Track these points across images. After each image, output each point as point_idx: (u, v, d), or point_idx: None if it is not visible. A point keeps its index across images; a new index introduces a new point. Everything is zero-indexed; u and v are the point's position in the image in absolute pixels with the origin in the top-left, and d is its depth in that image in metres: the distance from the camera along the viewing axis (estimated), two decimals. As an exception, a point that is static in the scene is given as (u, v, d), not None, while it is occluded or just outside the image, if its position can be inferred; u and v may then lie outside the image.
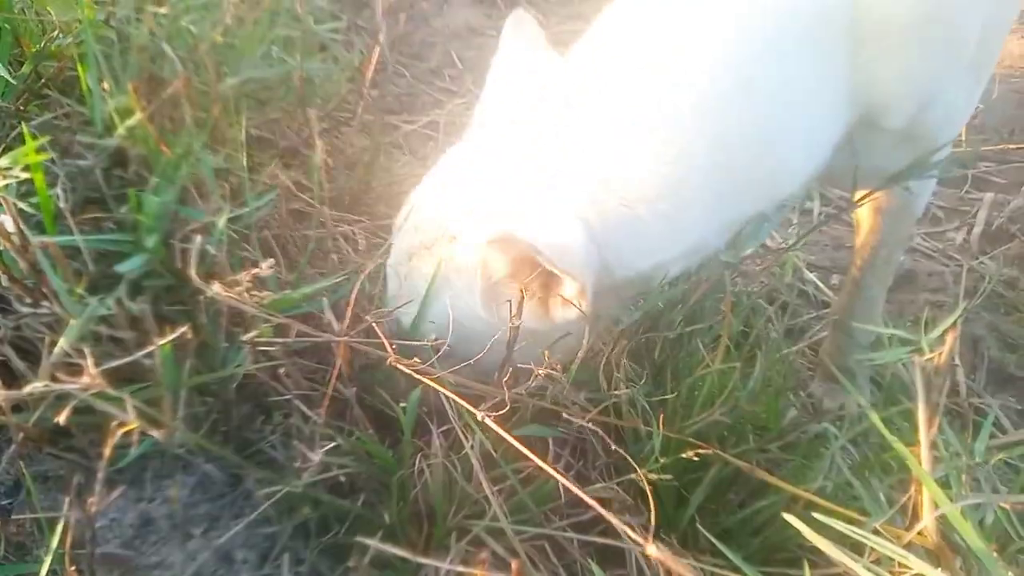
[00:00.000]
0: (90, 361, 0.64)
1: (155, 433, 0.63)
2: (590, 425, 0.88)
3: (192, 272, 0.75)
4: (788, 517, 0.73)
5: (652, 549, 0.55)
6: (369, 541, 0.56)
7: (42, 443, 0.83)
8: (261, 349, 0.89)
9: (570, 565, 0.91)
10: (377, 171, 1.53)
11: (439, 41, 2.33)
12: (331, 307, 0.84)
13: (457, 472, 0.86)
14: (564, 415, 0.91)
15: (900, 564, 0.70)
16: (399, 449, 0.89)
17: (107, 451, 0.60)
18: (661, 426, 0.88)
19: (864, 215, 1.24)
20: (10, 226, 0.74)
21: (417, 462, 0.87)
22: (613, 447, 0.89)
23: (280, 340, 0.82)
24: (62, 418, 0.60)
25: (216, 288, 0.73)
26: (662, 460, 0.88)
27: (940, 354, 0.75)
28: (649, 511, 0.97)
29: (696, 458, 0.86)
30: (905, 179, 0.97)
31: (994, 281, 1.60)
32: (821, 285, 1.64)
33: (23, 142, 0.92)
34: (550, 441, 0.94)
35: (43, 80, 1.26)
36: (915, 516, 0.74)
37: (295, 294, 0.89)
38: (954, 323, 0.79)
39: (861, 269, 1.28)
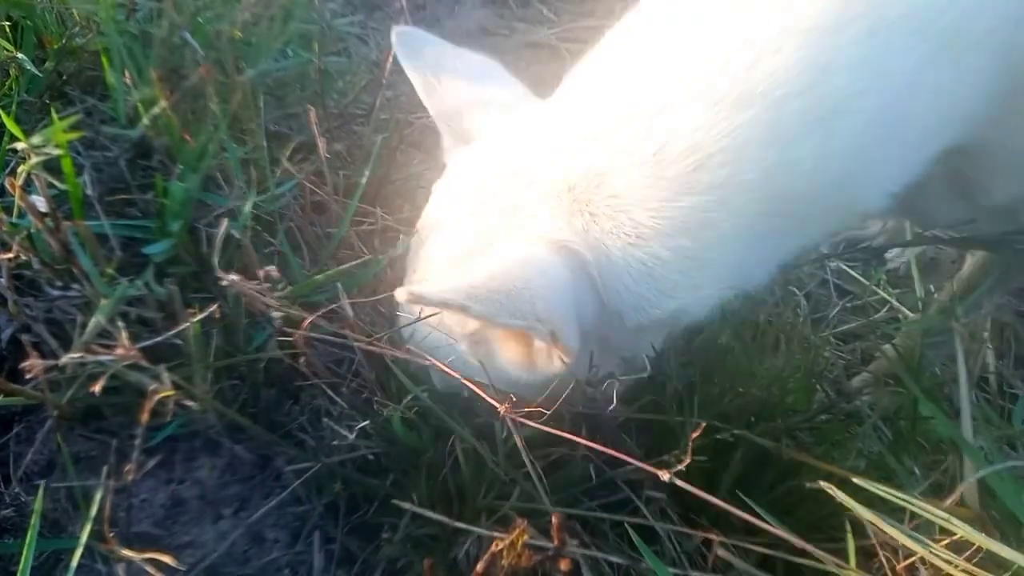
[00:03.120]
0: (124, 334, 0.65)
1: (190, 403, 0.63)
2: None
3: (215, 259, 0.74)
4: (826, 486, 0.72)
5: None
6: (406, 505, 0.55)
7: (75, 422, 0.84)
8: (286, 332, 0.89)
9: (601, 546, 0.90)
10: (396, 166, 1.53)
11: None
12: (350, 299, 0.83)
13: (487, 452, 0.85)
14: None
15: (941, 532, 0.69)
16: (424, 434, 0.89)
17: (144, 417, 0.60)
18: (695, 411, 0.87)
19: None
20: (43, 206, 0.75)
21: (448, 443, 0.86)
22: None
23: (299, 331, 0.80)
24: (98, 388, 0.60)
25: (235, 278, 0.72)
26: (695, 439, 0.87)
27: (978, 320, 0.74)
28: (676, 491, 0.97)
29: (732, 437, 0.84)
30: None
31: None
32: (847, 270, 1.62)
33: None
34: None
35: (64, 78, 1.27)
36: (952, 489, 0.73)
37: (308, 284, 0.88)
38: (989, 289, 0.79)
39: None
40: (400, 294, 0.67)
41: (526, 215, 0.75)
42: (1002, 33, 0.73)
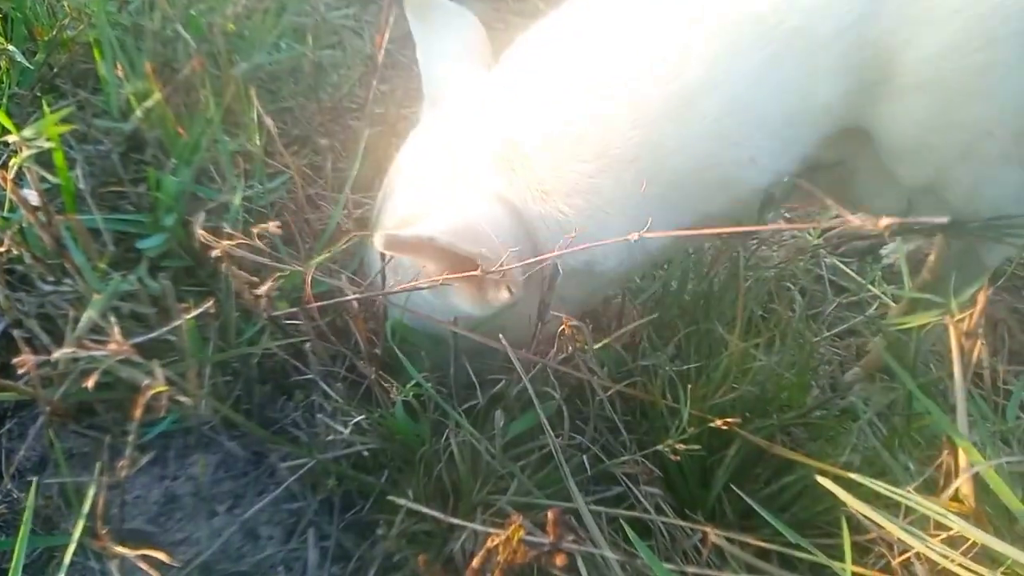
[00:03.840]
0: (116, 330, 0.64)
1: (183, 399, 0.63)
2: (607, 396, 0.87)
3: (198, 229, 0.74)
4: (823, 481, 0.72)
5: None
6: (401, 501, 0.55)
7: (68, 419, 0.83)
8: (280, 325, 0.89)
9: (596, 541, 0.90)
10: (388, 158, 1.53)
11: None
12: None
13: (482, 447, 0.85)
14: (591, 386, 0.90)
15: (936, 527, 0.70)
16: (422, 426, 0.88)
17: (137, 413, 0.60)
18: (688, 398, 0.87)
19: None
20: (35, 200, 0.74)
21: (443, 438, 0.86)
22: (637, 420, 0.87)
23: (298, 310, 0.81)
24: (91, 383, 0.59)
25: (225, 245, 0.72)
26: (688, 430, 0.87)
27: (971, 315, 0.74)
28: (674, 486, 0.97)
29: (725, 427, 0.84)
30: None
31: (1015, 264, 1.59)
32: (842, 267, 1.62)
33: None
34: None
35: (55, 71, 1.26)
36: (947, 484, 0.73)
37: (314, 260, 0.87)
38: (983, 286, 0.78)
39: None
40: (378, 239, 0.78)
41: (472, 171, 0.89)
42: (850, 34, 0.81)
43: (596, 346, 0.86)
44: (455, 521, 0.57)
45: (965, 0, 0.79)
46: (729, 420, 0.83)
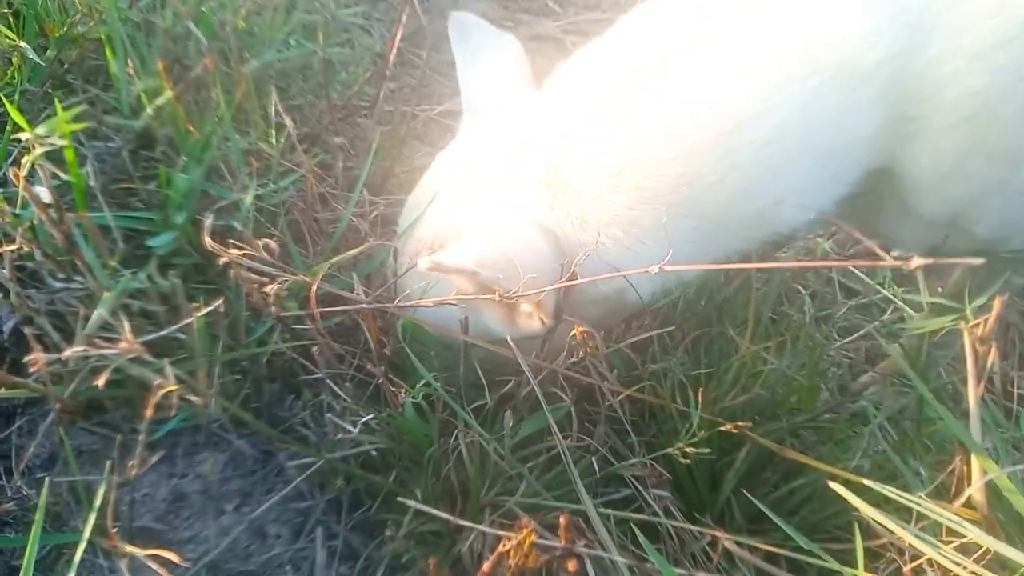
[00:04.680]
0: (127, 328, 0.64)
1: (193, 398, 0.63)
2: (617, 401, 0.87)
3: (205, 236, 0.73)
4: (835, 486, 0.72)
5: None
6: (409, 502, 0.55)
7: (77, 416, 0.83)
8: (289, 325, 0.89)
9: (605, 544, 0.90)
10: (399, 157, 1.52)
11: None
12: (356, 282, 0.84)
13: (491, 448, 0.85)
14: (602, 390, 0.90)
15: (948, 533, 0.69)
16: (431, 426, 0.88)
17: (148, 412, 0.59)
18: (699, 401, 0.86)
19: None
20: (46, 197, 0.74)
21: (452, 438, 0.86)
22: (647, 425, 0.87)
23: (307, 312, 0.81)
24: (102, 381, 0.59)
25: (234, 253, 0.72)
26: (698, 434, 0.87)
27: (985, 321, 0.73)
28: (683, 490, 0.97)
29: (734, 431, 0.84)
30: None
31: (1024, 267, 1.57)
32: (853, 269, 1.61)
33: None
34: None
35: (66, 67, 1.26)
36: (959, 491, 0.73)
37: (321, 263, 0.88)
38: (999, 290, 0.78)
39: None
40: (423, 263, 0.79)
41: (513, 194, 0.89)
42: (890, 65, 0.81)
43: (607, 351, 0.85)
44: (463, 523, 0.57)
45: (1010, 32, 0.79)
46: (739, 424, 0.82)
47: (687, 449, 0.83)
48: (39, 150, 0.72)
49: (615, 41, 0.92)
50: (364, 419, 0.81)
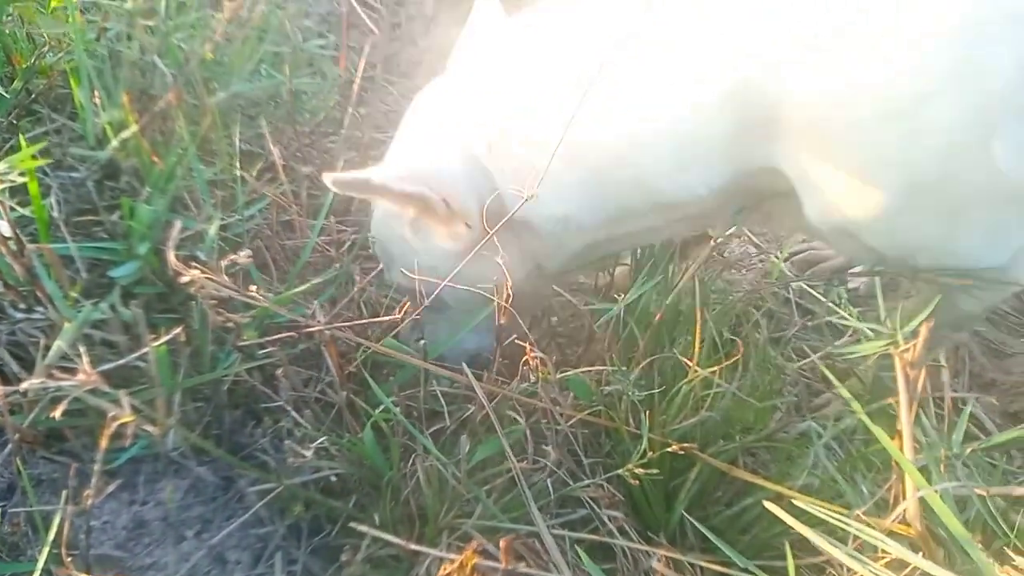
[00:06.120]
0: (86, 360, 0.65)
1: (150, 428, 0.64)
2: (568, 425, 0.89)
3: (171, 255, 0.75)
4: (769, 506, 0.75)
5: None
6: (363, 528, 0.57)
7: (36, 445, 0.84)
8: (250, 353, 0.90)
9: (557, 565, 0.92)
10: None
11: (426, 60, 2.36)
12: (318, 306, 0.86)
13: (449, 473, 0.87)
14: (554, 413, 0.92)
15: (882, 551, 0.72)
16: (390, 451, 0.90)
17: (103, 443, 0.61)
18: (648, 422, 0.89)
19: None
20: (7, 231, 0.75)
21: (409, 462, 0.88)
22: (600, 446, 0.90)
23: (269, 339, 0.83)
24: (58, 413, 0.61)
25: (196, 274, 0.74)
26: (649, 455, 0.89)
27: (915, 346, 0.77)
28: (638, 509, 0.99)
29: (681, 452, 0.87)
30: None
31: (973, 287, 1.62)
32: (809, 290, 1.65)
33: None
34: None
35: (33, 96, 1.28)
36: (897, 507, 0.76)
37: (284, 293, 0.90)
38: (927, 317, 0.82)
39: None
40: (327, 179, 0.93)
41: (457, 130, 1.03)
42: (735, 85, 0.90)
43: (559, 376, 0.88)
44: (416, 548, 0.59)
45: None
46: (686, 446, 0.85)
47: (637, 471, 0.86)
48: (0, 187, 0.74)
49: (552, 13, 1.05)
50: (322, 445, 0.82)
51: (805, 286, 1.67)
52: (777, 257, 1.69)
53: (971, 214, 0.92)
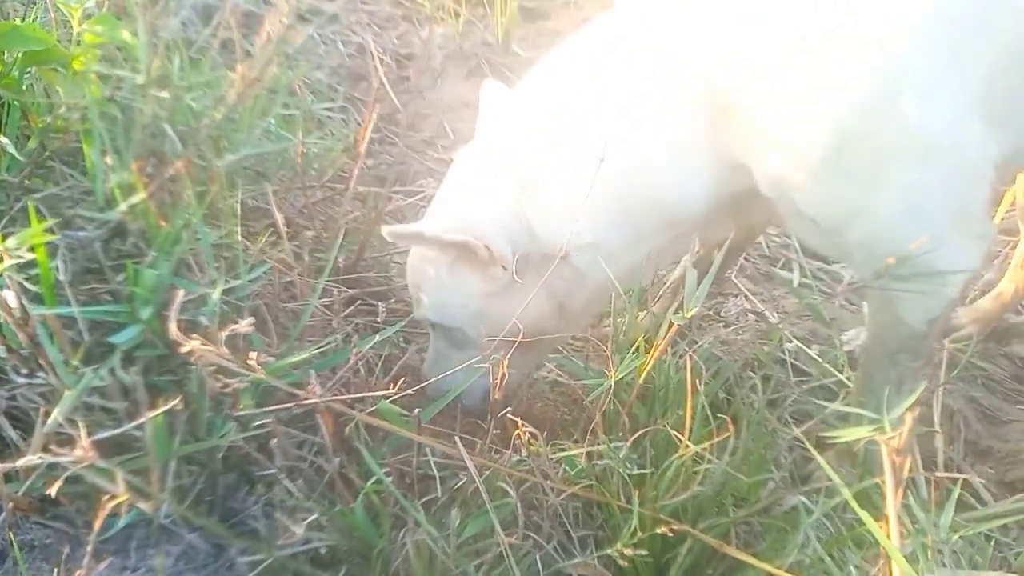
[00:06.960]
0: (83, 433, 0.67)
1: (143, 505, 0.65)
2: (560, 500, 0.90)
3: (172, 325, 0.77)
4: (755, 589, 0.75)
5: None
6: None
7: (30, 512, 0.85)
8: (246, 422, 0.92)
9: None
10: (372, 240, 1.57)
11: (433, 113, 2.42)
12: (318, 375, 0.88)
13: (439, 546, 0.88)
14: (545, 487, 0.93)
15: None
16: (380, 521, 0.91)
17: (97, 524, 0.62)
18: (639, 498, 0.90)
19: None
20: (12, 301, 0.77)
21: (400, 535, 0.88)
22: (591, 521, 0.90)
23: (264, 410, 0.84)
24: (53, 490, 0.62)
25: (195, 345, 0.75)
26: (639, 535, 0.90)
27: (901, 433, 0.78)
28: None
29: (671, 534, 0.87)
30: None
31: (970, 353, 1.63)
32: (806, 351, 1.66)
33: (27, 214, 0.96)
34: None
35: (48, 152, 1.31)
36: (887, 590, 0.76)
37: (281, 362, 0.91)
38: (913, 404, 0.83)
39: (864, 351, 1.33)
40: (384, 231, 1.10)
41: (494, 183, 1.18)
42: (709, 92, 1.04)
43: (551, 451, 0.89)
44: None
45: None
46: (674, 527, 0.85)
47: (626, 551, 0.86)
48: (8, 262, 0.76)
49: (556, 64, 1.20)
50: (313, 517, 0.83)
51: (801, 346, 1.68)
52: (774, 316, 1.70)
53: (889, 174, 1.01)
